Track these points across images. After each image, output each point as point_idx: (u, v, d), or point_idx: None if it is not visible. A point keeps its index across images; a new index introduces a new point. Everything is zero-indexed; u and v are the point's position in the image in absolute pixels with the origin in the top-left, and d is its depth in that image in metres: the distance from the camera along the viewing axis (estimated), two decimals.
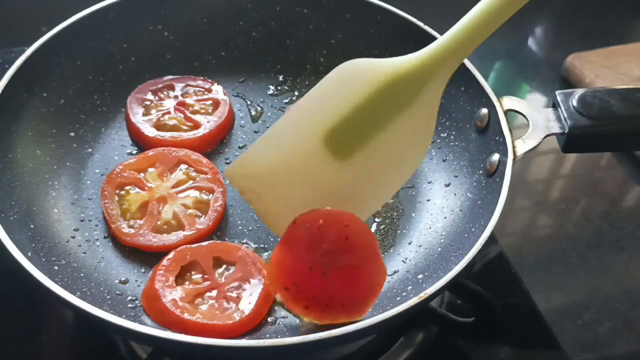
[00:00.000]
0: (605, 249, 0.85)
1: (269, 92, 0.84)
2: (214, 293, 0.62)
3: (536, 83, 1.08)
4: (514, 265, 0.78)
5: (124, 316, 0.55)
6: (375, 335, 0.69)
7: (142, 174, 0.71)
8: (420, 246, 0.69)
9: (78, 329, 0.70)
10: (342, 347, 0.68)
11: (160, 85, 0.80)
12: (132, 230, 0.67)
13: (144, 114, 0.77)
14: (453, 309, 0.73)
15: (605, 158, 0.96)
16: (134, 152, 0.76)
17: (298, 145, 0.55)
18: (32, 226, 0.64)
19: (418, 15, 0.80)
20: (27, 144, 0.69)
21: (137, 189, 0.70)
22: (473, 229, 0.64)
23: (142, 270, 0.66)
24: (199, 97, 0.80)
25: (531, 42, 1.15)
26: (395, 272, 0.67)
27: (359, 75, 0.55)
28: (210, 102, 0.79)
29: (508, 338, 0.72)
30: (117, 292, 0.63)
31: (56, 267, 0.61)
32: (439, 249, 0.68)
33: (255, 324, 0.61)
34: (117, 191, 0.70)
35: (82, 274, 0.63)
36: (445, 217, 0.71)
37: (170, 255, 0.64)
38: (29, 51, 0.70)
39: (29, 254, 0.58)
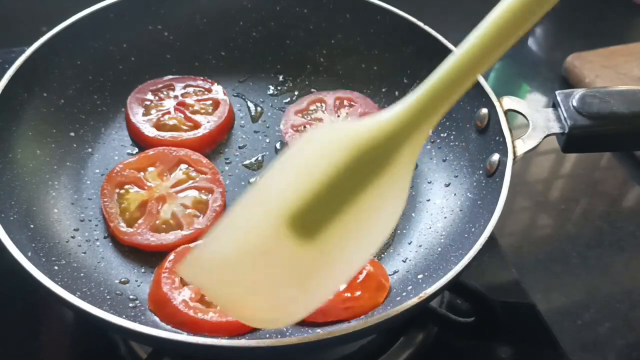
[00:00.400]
0: (605, 249, 0.84)
1: (269, 92, 0.84)
2: None
3: (536, 83, 1.08)
4: (514, 265, 0.78)
5: (124, 316, 0.55)
6: (375, 335, 0.69)
7: (142, 173, 0.71)
8: (420, 246, 0.69)
9: (78, 329, 0.70)
10: (342, 347, 0.68)
11: (160, 85, 0.80)
12: (131, 229, 0.67)
13: (144, 114, 0.77)
14: (453, 309, 0.73)
15: (605, 158, 0.96)
16: (134, 152, 0.76)
17: (258, 230, 0.49)
18: (32, 226, 0.64)
19: (418, 15, 0.80)
20: (27, 144, 0.69)
21: (137, 188, 0.70)
22: (473, 229, 0.64)
23: (142, 270, 0.66)
24: (199, 97, 0.80)
25: (531, 42, 1.15)
26: (395, 272, 0.67)
27: (325, 146, 0.49)
28: (210, 102, 0.79)
29: (508, 338, 0.72)
30: (117, 292, 0.63)
31: (56, 267, 0.61)
32: (439, 249, 0.68)
33: None
34: (117, 190, 0.70)
35: (82, 274, 0.63)
36: (445, 217, 0.71)
37: (171, 256, 0.64)
38: (29, 51, 0.70)
39: (29, 254, 0.58)
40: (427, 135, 0.49)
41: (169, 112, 0.77)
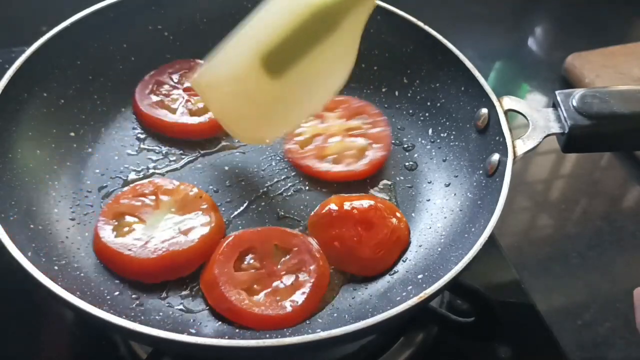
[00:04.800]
0: (605, 249, 0.85)
1: None
2: (269, 281, 0.63)
3: (536, 83, 1.08)
4: (514, 265, 0.78)
5: (124, 316, 0.55)
6: (375, 335, 0.69)
7: (326, 112, 0.79)
8: (420, 246, 0.69)
9: (78, 329, 0.70)
10: (342, 347, 0.68)
11: (170, 70, 0.81)
12: (302, 150, 0.75)
13: (153, 95, 0.79)
14: (453, 309, 0.73)
15: (605, 158, 0.96)
16: (134, 152, 0.75)
17: (239, 63, 0.64)
18: (32, 226, 0.64)
19: (418, 15, 0.80)
20: (27, 144, 0.69)
21: (317, 121, 0.78)
22: (473, 229, 0.64)
23: None
24: None
25: (531, 42, 1.15)
26: (395, 272, 0.67)
27: (290, 5, 0.63)
28: None
29: (508, 338, 0.72)
30: (117, 292, 0.63)
31: (56, 267, 0.61)
32: (439, 249, 0.68)
33: (308, 314, 0.62)
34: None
35: (82, 274, 0.63)
36: (445, 217, 0.71)
37: (229, 239, 0.65)
38: (29, 51, 0.70)
39: (29, 254, 0.58)
40: (369, 10, 0.64)
41: (177, 99, 0.79)
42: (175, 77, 0.81)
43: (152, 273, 0.64)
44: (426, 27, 0.78)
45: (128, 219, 0.66)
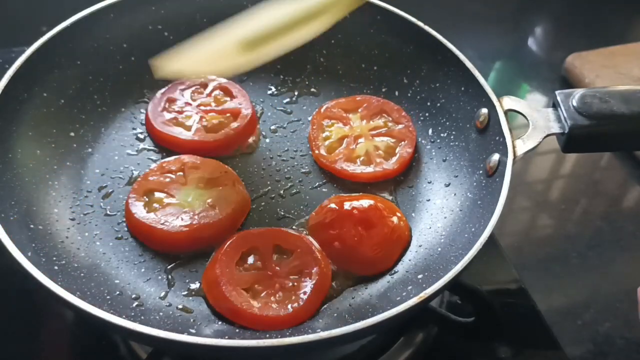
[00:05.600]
0: (605, 249, 0.85)
1: (269, 92, 0.84)
2: (271, 281, 0.63)
3: (536, 83, 1.08)
4: (514, 265, 0.78)
5: (124, 316, 0.55)
6: (375, 335, 0.69)
7: (348, 114, 0.80)
8: (420, 246, 0.69)
9: (78, 329, 0.70)
10: (342, 347, 0.68)
11: (182, 87, 0.80)
12: (330, 155, 0.76)
13: (166, 112, 0.77)
14: (453, 309, 0.73)
15: (605, 158, 0.96)
16: (134, 152, 0.75)
17: (219, 48, 0.65)
18: (32, 226, 0.64)
19: (418, 15, 0.80)
20: (27, 144, 0.69)
21: (341, 124, 0.78)
22: (473, 229, 0.64)
23: (143, 270, 0.66)
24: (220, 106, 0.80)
25: (531, 42, 1.15)
26: (395, 272, 0.67)
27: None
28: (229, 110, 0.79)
29: (508, 338, 0.72)
30: (117, 292, 0.63)
31: (56, 267, 0.61)
32: (439, 249, 0.68)
33: (308, 316, 0.62)
34: (325, 121, 0.79)
35: (82, 274, 0.63)
36: (445, 217, 0.71)
37: (232, 239, 0.65)
38: (29, 51, 0.70)
39: (29, 254, 0.58)
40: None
41: (191, 116, 0.77)
42: (186, 94, 0.80)
43: (184, 245, 0.67)
44: (426, 27, 0.79)
45: (158, 195, 0.69)
